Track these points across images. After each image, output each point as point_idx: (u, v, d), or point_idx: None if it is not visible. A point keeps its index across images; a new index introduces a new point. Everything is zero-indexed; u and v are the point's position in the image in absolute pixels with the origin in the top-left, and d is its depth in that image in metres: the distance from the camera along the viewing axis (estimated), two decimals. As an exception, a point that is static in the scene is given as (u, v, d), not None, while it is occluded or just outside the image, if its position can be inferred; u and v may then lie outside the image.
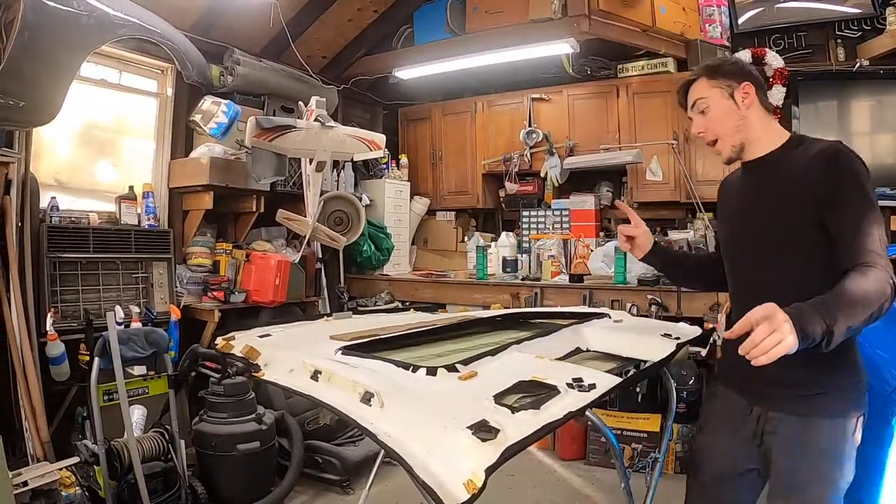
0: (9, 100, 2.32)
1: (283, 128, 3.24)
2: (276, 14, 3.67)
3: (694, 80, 1.57)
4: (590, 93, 4.50)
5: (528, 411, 1.13)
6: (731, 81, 1.51)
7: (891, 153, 4.05)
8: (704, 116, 1.55)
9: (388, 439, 1.07)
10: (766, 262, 1.45)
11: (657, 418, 3.25)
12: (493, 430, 1.02)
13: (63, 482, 2.28)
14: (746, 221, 1.54)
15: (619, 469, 1.63)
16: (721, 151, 1.56)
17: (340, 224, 4.20)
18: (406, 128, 5.34)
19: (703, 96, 1.54)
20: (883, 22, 3.96)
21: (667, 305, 3.46)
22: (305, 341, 1.78)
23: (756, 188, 1.52)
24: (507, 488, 3.00)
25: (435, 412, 1.15)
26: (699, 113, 1.56)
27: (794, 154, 1.47)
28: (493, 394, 1.20)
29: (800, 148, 1.47)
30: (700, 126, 1.56)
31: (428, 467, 0.97)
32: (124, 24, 2.74)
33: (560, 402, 1.20)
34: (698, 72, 1.57)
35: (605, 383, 1.33)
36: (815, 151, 1.43)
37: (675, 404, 2.12)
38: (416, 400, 1.23)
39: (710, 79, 1.53)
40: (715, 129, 1.53)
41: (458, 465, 0.95)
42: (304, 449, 3.05)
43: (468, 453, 0.97)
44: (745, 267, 1.55)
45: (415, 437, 1.05)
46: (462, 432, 1.01)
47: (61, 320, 2.85)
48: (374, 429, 1.11)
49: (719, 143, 1.55)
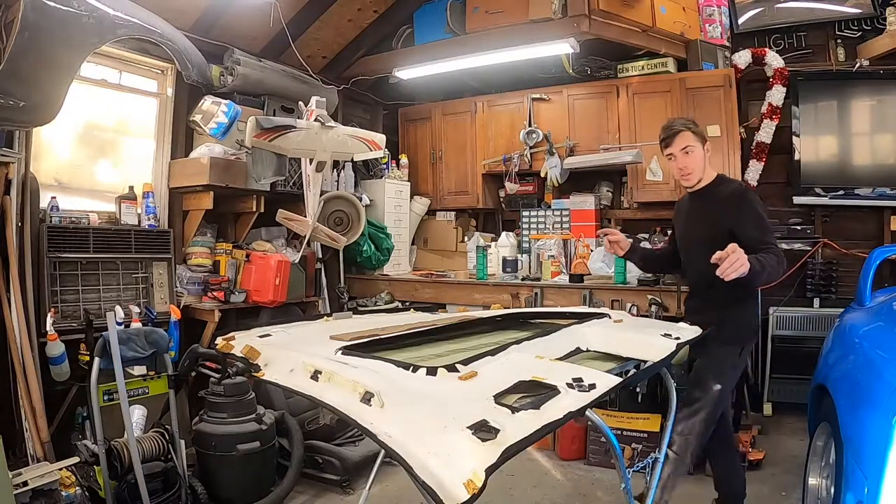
0: (9, 100, 2.32)
1: (283, 128, 3.24)
2: (276, 14, 3.67)
3: (682, 131, 2.37)
4: (590, 93, 4.50)
5: (529, 411, 1.13)
6: (703, 139, 2.41)
7: (891, 153, 4.06)
8: (688, 157, 2.38)
9: (389, 439, 1.07)
10: (707, 254, 2.02)
11: (657, 418, 3.24)
12: (494, 430, 1.02)
13: (63, 482, 2.28)
14: (696, 230, 2.45)
15: (619, 469, 1.63)
16: (691, 182, 2.43)
17: (340, 224, 4.20)
18: (406, 128, 5.34)
19: (691, 144, 2.37)
20: (883, 22, 3.97)
21: (667, 305, 3.46)
22: (305, 341, 1.79)
23: (699, 208, 2.45)
24: (507, 488, 3.00)
25: (435, 412, 1.15)
26: (685, 154, 2.38)
27: (719, 188, 2.40)
28: (494, 394, 1.21)
29: (721, 185, 2.41)
30: (683, 163, 2.39)
31: (428, 467, 0.96)
32: (124, 24, 2.74)
33: (560, 402, 1.20)
34: (686, 126, 2.39)
35: (605, 383, 1.33)
36: (730, 190, 2.37)
37: (675, 404, 2.12)
38: (417, 400, 1.23)
39: (694, 134, 2.39)
40: (693, 167, 2.39)
41: (459, 465, 0.95)
42: (304, 449, 3.05)
43: (468, 453, 0.97)
44: (695, 258, 2.38)
45: (415, 438, 1.05)
46: (462, 432, 1.01)
47: (61, 320, 2.84)
48: (374, 429, 1.11)
49: (692, 176, 2.41)
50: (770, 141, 4.18)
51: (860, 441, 1.71)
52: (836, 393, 2.12)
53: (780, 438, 3.69)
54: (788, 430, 3.81)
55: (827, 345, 2.78)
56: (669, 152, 2.41)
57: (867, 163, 4.14)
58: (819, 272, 4.20)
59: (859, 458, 1.66)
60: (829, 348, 2.70)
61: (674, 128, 2.39)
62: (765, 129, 4.18)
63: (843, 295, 4.02)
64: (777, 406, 4.13)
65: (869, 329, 2.48)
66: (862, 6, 4.05)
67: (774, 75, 4.15)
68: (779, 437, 3.71)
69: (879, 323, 2.53)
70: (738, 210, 2.27)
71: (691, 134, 2.37)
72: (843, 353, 2.43)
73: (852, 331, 2.57)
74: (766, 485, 3.04)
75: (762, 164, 4.19)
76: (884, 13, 3.95)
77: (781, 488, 2.96)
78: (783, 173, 4.29)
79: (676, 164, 2.40)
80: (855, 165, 4.16)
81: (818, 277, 4.20)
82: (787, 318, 4.20)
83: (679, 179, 2.49)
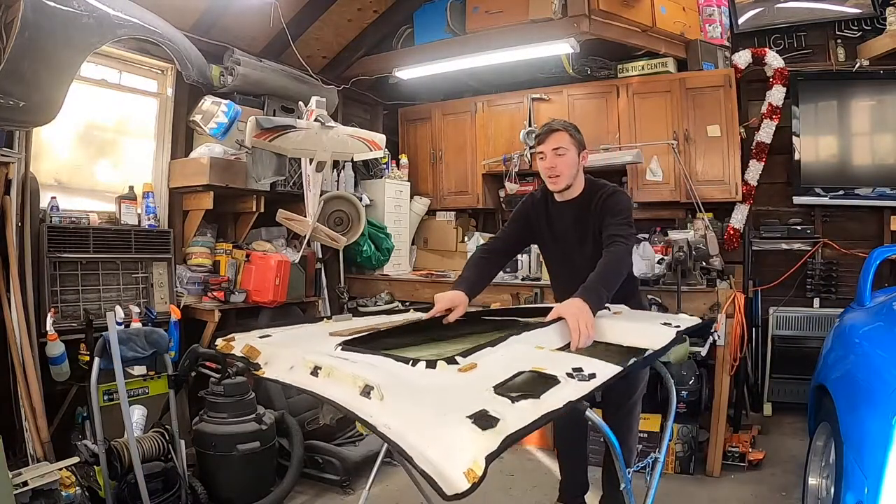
0: (9, 100, 2.32)
1: (283, 128, 3.24)
2: (276, 14, 3.67)
3: (558, 130, 2.33)
4: (590, 93, 4.50)
5: (528, 400, 1.13)
6: (581, 146, 2.38)
7: (891, 153, 4.06)
8: (558, 158, 2.32)
9: (388, 431, 1.07)
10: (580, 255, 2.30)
11: (657, 418, 3.25)
12: (493, 419, 1.03)
13: (63, 482, 2.28)
14: (572, 235, 2.42)
15: (620, 469, 1.63)
16: (557, 185, 2.37)
17: (340, 224, 4.20)
18: (406, 128, 5.34)
19: (564, 146, 2.32)
20: (883, 22, 3.97)
21: (666, 305, 3.46)
22: (304, 339, 1.79)
23: (574, 217, 2.42)
24: (507, 488, 2.99)
25: (435, 403, 1.15)
26: (556, 155, 2.32)
27: (590, 197, 2.38)
28: (493, 385, 1.21)
29: (597, 191, 2.38)
30: (553, 163, 2.33)
31: (428, 457, 0.97)
32: (124, 24, 2.74)
33: (560, 392, 1.20)
34: (565, 127, 2.35)
35: (606, 373, 1.33)
36: (603, 192, 2.36)
37: (675, 404, 2.12)
38: (416, 392, 1.24)
39: (571, 137, 2.34)
40: (562, 170, 2.33)
41: (459, 454, 0.95)
42: (304, 449, 3.05)
43: (468, 442, 0.97)
44: (570, 259, 2.43)
45: (415, 429, 1.06)
46: (462, 422, 1.02)
47: (61, 320, 2.84)
48: (374, 421, 1.12)
49: (560, 179, 2.34)
50: (770, 141, 4.17)
51: (860, 441, 1.71)
52: (836, 393, 2.12)
53: (780, 438, 3.70)
54: (788, 430, 3.82)
55: (827, 345, 2.78)
56: (541, 150, 2.36)
57: (867, 163, 4.14)
58: (819, 272, 4.20)
59: (859, 458, 1.66)
60: (828, 348, 2.70)
61: (551, 126, 2.36)
62: (765, 129, 4.18)
63: (843, 295, 4.03)
64: (777, 406, 4.13)
65: (869, 329, 2.48)
66: (862, 6, 4.04)
67: (774, 75, 4.15)
68: (779, 437, 3.72)
69: (879, 323, 2.53)
70: (605, 205, 2.31)
71: (568, 136, 2.33)
72: (843, 353, 2.44)
73: (852, 331, 2.57)
74: (766, 485, 3.04)
75: (762, 164, 4.19)
76: (884, 13, 3.95)
77: (781, 488, 2.96)
78: (783, 173, 4.29)
79: (546, 163, 2.34)
80: (855, 165, 4.15)
81: (818, 277, 4.20)
82: (787, 318, 4.21)
83: (546, 180, 2.40)
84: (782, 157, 4.22)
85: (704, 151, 4.10)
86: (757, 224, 4.36)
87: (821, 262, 4.21)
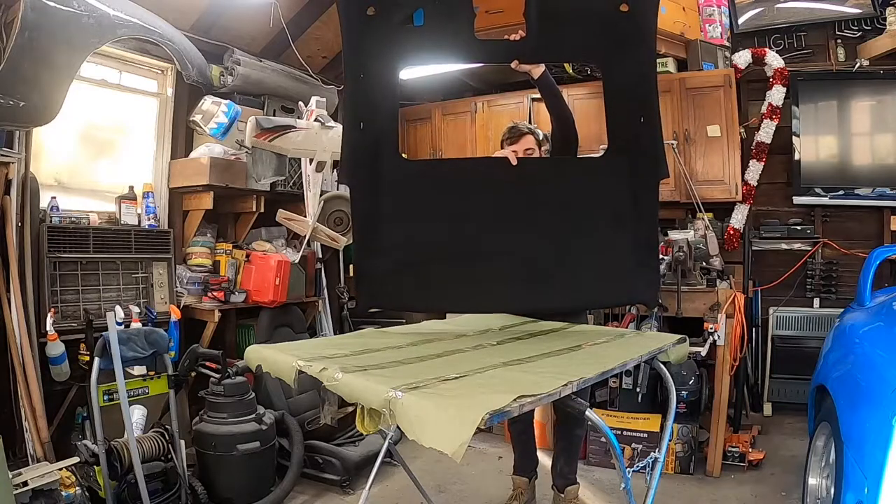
0: (9, 100, 2.32)
1: (283, 128, 3.24)
2: (276, 14, 3.67)
3: (527, 133, 2.58)
4: (590, 93, 4.49)
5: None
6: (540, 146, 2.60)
7: (891, 153, 4.06)
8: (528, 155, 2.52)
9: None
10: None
11: (657, 418, 3.25)
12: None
13: (63, 482, 2.28)
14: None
15: (619, 469, 1.63)
16: None
17: (340, 224, 4.19)
18: (406, 128, 5.33)
19: (532, 148, 2.57)
20: (883, 22, 3.96)
21: (667, 305, 3.45)
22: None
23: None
24: (507, 488, 2.99)
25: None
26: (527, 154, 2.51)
27: None
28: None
29: None
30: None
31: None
32: (124, 24, 2.74)
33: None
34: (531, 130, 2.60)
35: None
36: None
37: (675, 404, 2.12)
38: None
39: (538, 141, 2.60)
40: None
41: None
42: (304, 449, 3.05)
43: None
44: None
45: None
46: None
47: (61, 320, 2.84)
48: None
49: None
50: (770, 141, 4.17)
51: (860, 441, 1.71)
52: (836, 393, 2.12)
53: (780, 438, 3.70)
54: (788, 430, 3.82)
55: (827, 345, 2.78)
56: (514, 148, 2.51)
57: (867, 163, 4.14)
58: (819, 272, 4.20)
59: (859, 458, 1.67)
60: (828, 348, 2.70)
61: (521, 128, 2.58)
62: (765, 129, 4.18)
63: (843, 295, 4.03)
64: (777, 406, 4.13)
65: (869, 329, 2.48)
66: (862, 6, 4.04)
67: (774, 75, 4.15)
68: (779, 437, 3.72)
69: (879, 323, 2.53)
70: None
71: (534, 139, 2.57)
72: (843, 353, 2.44)
73: (852, 331, 2.57)
74: (766, 485, 3.04)
75: (762, 164, 4.19)
76: (884, 13, 3.95)
77: (781, 488, 2.96)
78: (783, 173, 4.29)
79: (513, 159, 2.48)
80: (855, 165, 4.15)
81: (818, 277, 4.20)
82: (787, 318, 4.21)
83: None
84: (782, 157, 4.22)
85: (704, 151, 4.09)
86: (757, 224, 4.36)
87: (821, 262, 4.21)
